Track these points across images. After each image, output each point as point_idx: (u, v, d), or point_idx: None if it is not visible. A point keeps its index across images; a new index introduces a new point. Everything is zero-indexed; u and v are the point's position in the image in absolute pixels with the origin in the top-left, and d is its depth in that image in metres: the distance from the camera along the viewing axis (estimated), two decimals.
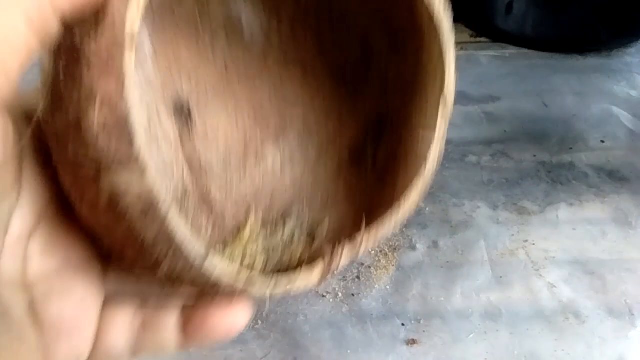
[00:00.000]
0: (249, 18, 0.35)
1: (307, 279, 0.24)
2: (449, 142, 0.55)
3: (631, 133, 0.52)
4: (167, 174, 0.32)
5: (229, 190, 0.32)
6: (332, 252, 0.25)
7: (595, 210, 0.44)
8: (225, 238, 0.30)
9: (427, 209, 0.43)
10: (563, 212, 0.43)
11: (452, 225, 0.42)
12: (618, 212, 0.43)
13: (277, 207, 0.32)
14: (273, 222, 0.31)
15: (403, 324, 0.35)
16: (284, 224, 0.30)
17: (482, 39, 0.69)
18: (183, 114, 0.34)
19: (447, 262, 0.39)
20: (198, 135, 0.33)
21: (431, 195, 0.44)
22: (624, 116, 0.54)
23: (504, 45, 0.66)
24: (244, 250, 0.28)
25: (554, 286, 0.37)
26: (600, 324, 0.35)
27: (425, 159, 0.26)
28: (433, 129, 0.26)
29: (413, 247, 0.40)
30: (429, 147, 0.26)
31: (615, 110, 0.55)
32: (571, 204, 0.44)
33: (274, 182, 0.33)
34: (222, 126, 0.34)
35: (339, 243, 0.25)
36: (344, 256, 0.25)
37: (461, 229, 0.42)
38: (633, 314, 0.36)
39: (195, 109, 0.34)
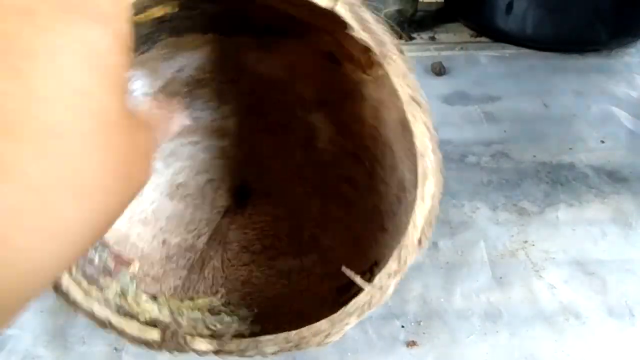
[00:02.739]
0: (321, 126, 0.36)
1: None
2: (448, 142, 0.55)
3: (631, 133, 0.52)
4: (187, 226, 0.36)
5: (228, 267, 0.35)
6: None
7: (595, 210, 0.44)
8: (188, 295, 0.32)
9: None
10: (563, 212, 0.43)
11: (452, 226, 0.42)
12: (618, 213, 0.43)
13: (249, 300, 0.33)
14: (231, 307, 0.32)
15: (403, 326, 0.35)
16: (233, 312, 0.32)
17: (482, 39, 0.69)
18: (242, 195, 0.38)
19: (447, 262, 0.39)
20: (243, 217, 0.37)
21: None
22: (624, 116, 0.54)
23: (504, 45, 0.66)
24: (182, 311, 0.30)
25: (554, 287, 0.37)
26: (601, 325, 0.35)
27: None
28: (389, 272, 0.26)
29: None
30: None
31: (615, 110, 0.55)
32: (571, 205, 0.44)
33: (268, 280, 0.35)
34: (264, 221, 0.38)
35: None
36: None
37: (461, 229, 0.42)
38: (633, 315, 0.35)
39: (254, 197, 0.38)
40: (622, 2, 0.62)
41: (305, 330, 0.25)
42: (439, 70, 0.61)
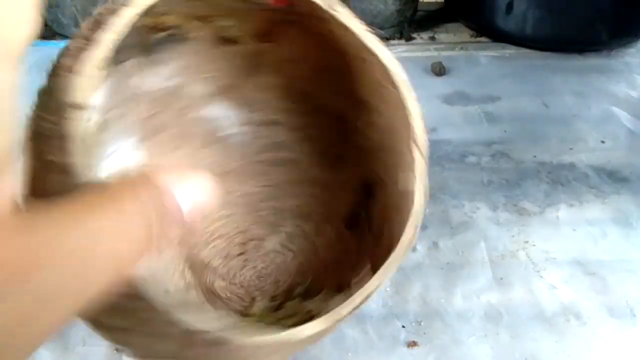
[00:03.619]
0: (222, 114, 0.36)
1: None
2: (448, 143, 0.55)
3: (631, 133, 0.52)
4: (167, 272, 0.35)
5: (231, 278, 0.35)
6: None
7: (595, 210, 0.44)
8: (242, 314, 0.33)
9: (427, 210, 0.43)
10: (563, 212, 0.43)
11: (452, 226, 0.42)
12: (618, 213, 0.43)
13: (282, 283, 0.35)
14: (280, 296, 0.33)
15: (403, 326, 0.35)
16: (288, 298, 0.33)
17: (482, 39, 0.68)
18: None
19: (447, 263, 0.39)
20: (199, 238, 0.37)
21: (431, 196, 0.44)
22: (624, 116, 0.54)
23: (504, 45, 0.66)
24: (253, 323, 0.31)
25: (555, 287, 0.37)
26: (601, 325, 0.35)
27: (412, 200, 0.28)
28: (412, 169, 0.28)
29: (413, 248, 0.40)
30: (412, 187, 0.28)
31: (615, 110, 0.55)
32: (571, 205, 0.44)
33: (276, 262, 0.36)
34: (221, 226, 0.37)
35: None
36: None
37: (461, 230, 0.42)
38: (634, 315, 0.35)
39: None
40: (622, 2, 0.62)
41: (386, 267, 0.26)
42: (439, 70, 0.61)
